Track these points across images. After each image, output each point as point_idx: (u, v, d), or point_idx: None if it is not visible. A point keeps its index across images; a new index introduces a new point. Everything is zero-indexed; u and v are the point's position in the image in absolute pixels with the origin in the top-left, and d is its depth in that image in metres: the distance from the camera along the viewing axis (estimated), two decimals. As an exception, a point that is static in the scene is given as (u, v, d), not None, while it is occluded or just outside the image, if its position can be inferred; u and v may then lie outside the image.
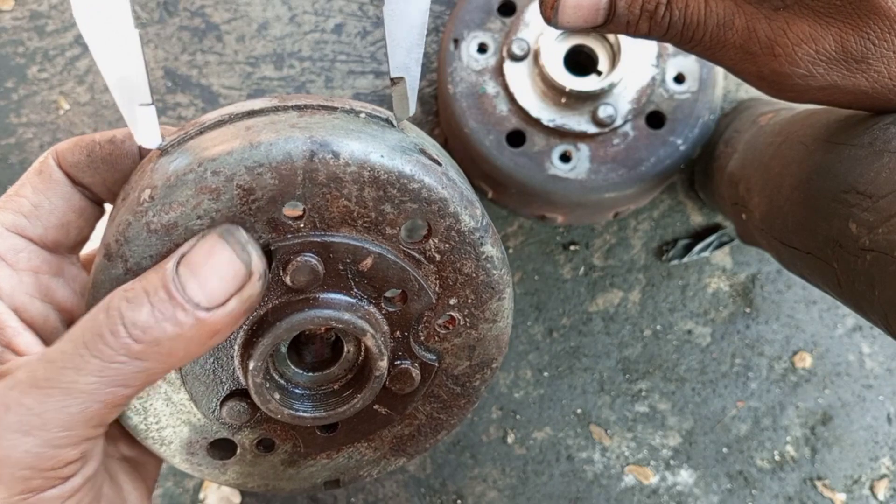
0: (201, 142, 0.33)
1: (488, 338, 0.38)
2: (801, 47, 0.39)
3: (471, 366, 0.38)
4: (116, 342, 0.28)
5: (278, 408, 0.35)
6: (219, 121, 0.34)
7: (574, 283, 0.83)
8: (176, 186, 0.31)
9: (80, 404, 0.28)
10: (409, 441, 0.40)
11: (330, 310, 0.33)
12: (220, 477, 0.39)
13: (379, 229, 0.33)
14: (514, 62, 0.71)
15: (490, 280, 0.36)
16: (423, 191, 0.33)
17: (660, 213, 0.84)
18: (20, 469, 0.28)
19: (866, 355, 0.82)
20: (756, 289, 0.83)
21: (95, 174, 0.35)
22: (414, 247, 0.34)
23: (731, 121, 0.75)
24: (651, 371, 0.82)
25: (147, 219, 0.31)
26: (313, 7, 0.84)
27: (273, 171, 0.31)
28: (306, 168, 0.31)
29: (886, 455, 0.81)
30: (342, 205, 0.32)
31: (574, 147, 0.70)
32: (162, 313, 0.28)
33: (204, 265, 0.29)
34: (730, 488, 0.81)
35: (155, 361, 0.29)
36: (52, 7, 0.84)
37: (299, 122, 0.33)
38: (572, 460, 0.81)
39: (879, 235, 0.43)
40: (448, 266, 0.35)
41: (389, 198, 0.33)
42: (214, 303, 0.29)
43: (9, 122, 0.83)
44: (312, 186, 0.31)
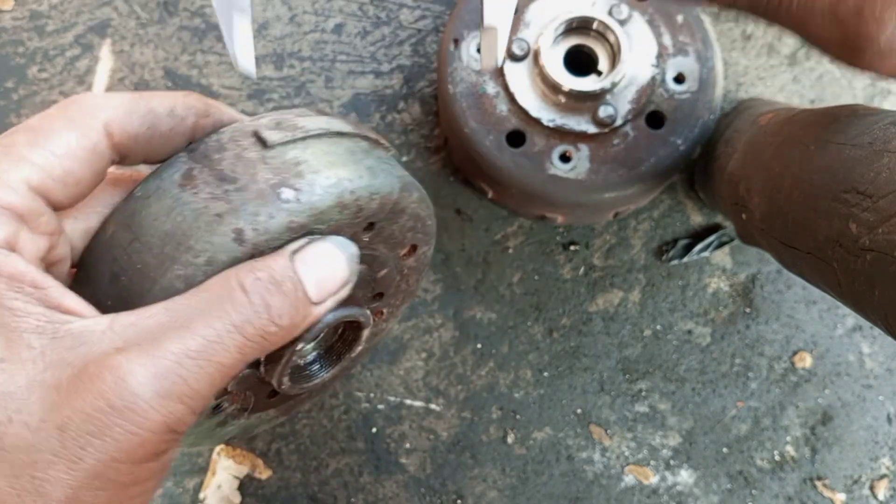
0: (319, 151, 0.35)
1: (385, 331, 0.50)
2: (890, 9, 0.39)
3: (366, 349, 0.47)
4: (257, 323, 0.31)
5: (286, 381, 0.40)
6: (318, 134, 0.37)
7: (574, 283, 0.83)
8: (321, 196, 0.34)
9: (221, 376, 0.30)
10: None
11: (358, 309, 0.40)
12: None
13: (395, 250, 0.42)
14: (514, 62, 0.71)
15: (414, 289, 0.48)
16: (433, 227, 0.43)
17: (660, 213, 0.84)
18: (167, 433, 0.29)
19: (866, 355, 0.82)
20: (756, 289, 0.83)
21: (149, 148, 0.33)
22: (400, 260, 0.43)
23: (731, 121, 0.75)
24: (651, 371, 0.82)
25: (292, 218, 0.33)
26: (313, 7, 0.84)
27: (380, 199, 0.37)
28: (395, 201, 0.38)
29: (886, 455, 0.81)
30: (393, 230, 0.40)
31: (574, 147, 0.70)
32: (293, 304, 0.32)
33: (319, 264, 0.33)
34: (730, 488, 0.81)
35: (274, 343, 0.32)
36: (52, 7, 0.84)
37: (387, 160, 0.39)
38: (572, 460, 0.81)
39: (879, 235, 0.43)
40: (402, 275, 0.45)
41: (415, 228, 0.41)
42: (320, 298, 0.33)
43: (9, 122, 0.83)
44: (390, 214, 0.38)
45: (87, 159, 0.31)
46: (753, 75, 0.84)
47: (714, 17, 0.83)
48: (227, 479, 0.81)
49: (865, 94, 0.84)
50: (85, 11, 0.84)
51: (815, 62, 0.84)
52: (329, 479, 0.81)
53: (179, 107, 0.34)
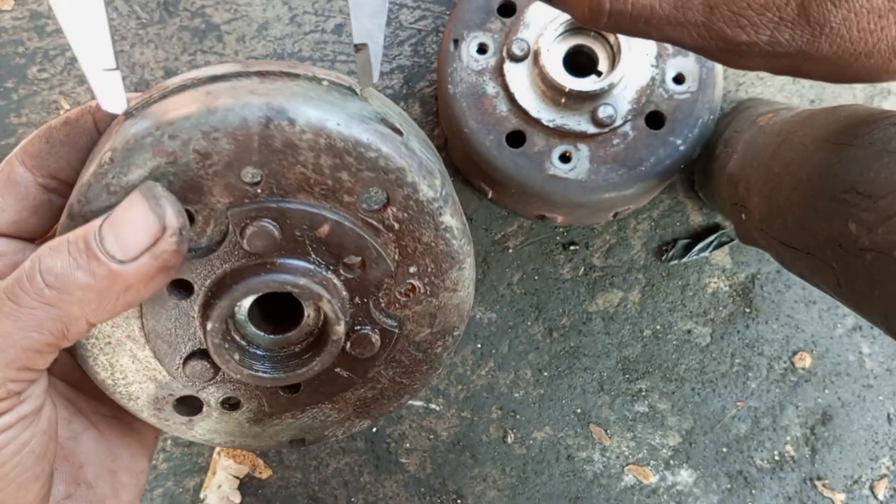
0: (162, 105, 0.33)
1: (449, 306, 0.38)
2: (764, 15, 0.39)
3: (432, 333, 0.39)
4: (31, 287, 0.29)
5: (237, 368, 0.35)
6: (181, 85, 0.34)
7: (574, 283, 0.83)
8: (135, 149, 0.31)
9: None
10: (373, 404, 0.41)
11: (286, 274, 0.33)
12: (187, 432, 0.40)
13: (336, 197, 0.33)
14: (514, 62, 0.71)
15: (450, 250, 0.36)
16: (380, 160, 0.33)
17: (660, 213, 0.84)
18: None
19: (866, 355, 0.82)
20: (756, 289, 0.83)
21: (59, 158, 0.36)
22: (372, 215, 0.34)
23: (731, 121, 0.75)
24: (651, 371, 0.82)
25: (107, 180, 0.31)
26: (313, 7, 0.84)
27: (229, 137, 0.31)
28: (262, 134, 0.31)
29: (886, 455, 0.81)
30: (298, 172, 0.32)
31: (574, 147, 0.71)
32: (76, 261, 0.30)
33: (121, 219, 0.30)
34: (729, 488, 0.81)
35: (66, 309, 0.30)
36: (52, 7, 0.84)
37: (259, 88, 0.33)
38: (572, 460, 0.81)
39: (879, 235, 0.43)
40: (407, 235, 0.35)
41: (346, 166, 0.33)
42: (128, 256, 0.30)
43: (9, 122, 0.83)
44: (269, 153, 0.32)
45: (5, 189, 0.35)
46: (753, 75, 0.84)
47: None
48: (228, 478, 0.81)
49: (865, 94, 0.84)
50: (85, 11, 0.84)
51: (814, 62, 0.84)
52: (329, 478, 0.81)
53: (71, 114, 0.36)
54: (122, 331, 0.36)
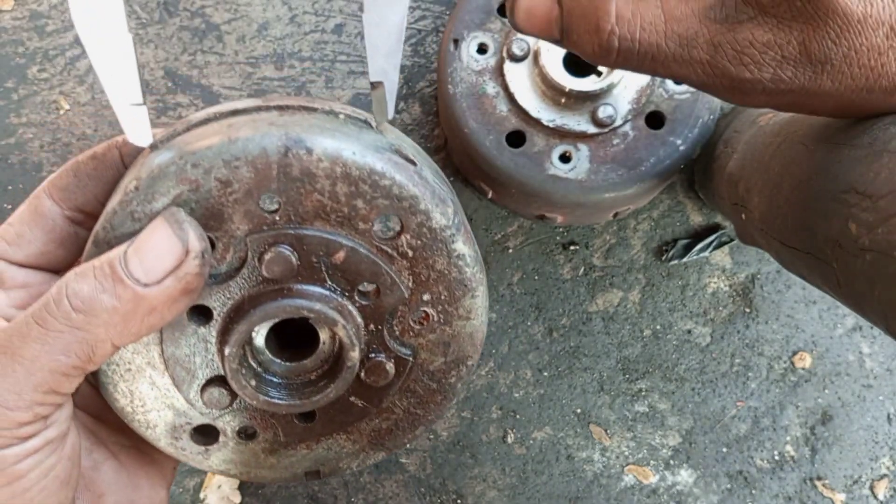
0: (186, 138, 0.34)
1: (462, 335, 0.39)
2: (767, 54, 0.40)
3: (446, 362, 0.39)
4: (58, 311, 0.30)
5: (254, 394, 0.36)
6: (205, 119, 0.36)
7: (574, 283, 0.83)
8: (159, 178, 0.33)
9: (24, 370, 0.30)
10: (388, 435, 0.41)
11: (302, 300, 0.34)
12: (203, 462, 0.40)
13: (352, 224, 0.34)
14: (514, 62, 0.71)
15: (462, 277, 0.37)
16: (394, 188, 0.34)
17: (660, 213, 0.84)
18: None
19: (866, 355, 0.82)
20: (756, 289, 0.83)
21: (86, 192, 0.37)
22: (387, 242, 0.35)
23: (731, 121, 0.75)
24: (651, 371, 0.82)
25: (132, 207, 0.33)
26: (313, 7, 0.84)
27: (249, 165, 0.32)
28: (281, 163, 0.33)
29: (886, 455, 0.81)
30: (315, 199, 0.34)
31: (574, 147, 0.71)
32: (102, 286, 0.31)
33: (145, 244, 0.31)
34: (729, 488, 0.81)
35: (93, 332, 0.31)
36: (52, 7, 0.84)
37: (277, 120, 0.34)
38: (572, 460, 0.81)
39: (879, 235, 0.43)
40: (420, 262, 0.36)
41: (361, 193, 0.34)
42: (152, 279, 0.31)
43: (9, 122, 0.83)
44: (287, 181, 0.33)
45: (33, 221, 0.37)
46: (753, 75, 0.84)
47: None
48: (227, 479, 0.81)
49: (865, 95, 0.84)
50: (85, 11, 0.84)
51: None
52: (329, 478, 0.81)
53: (98, 149, 0.38)
54: (143, 357, 0.36)
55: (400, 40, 0.35)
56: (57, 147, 0.83)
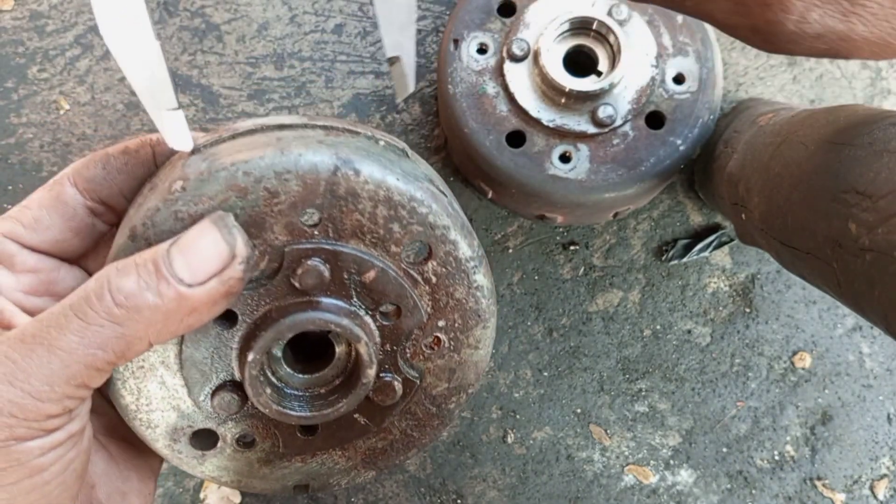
0: (234, 145, 0.35)
1: (468, 363, 0.40)
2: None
3: (448, 388, 0.41)
4: (99, 305, 0.30)
5: (268, 402, 0.36)
6: (251, 129, 0.37)
7: (574, 283, 0.83)
8: (207, 181, 0.33)
9: (60, 361, 0.30)
10: (381, 455, 0.42)
11: (330, 314, 0.35)
12: (197, 468, 0.40)
13: (385, 246, 0.36)
14: (514, 62, 0.71)
15: (478, 308, 0.38)
16: (430, 216, 0.36)
17: (660, 213, 0.84)
18: (3, 416, 0.30)
19: (866, 355, 0.82)
20: (756, 289, 0.83)
21: (112, 185, 0.37)
22: (414, 267, 0.37)
23: (731, 121, 0.75)
24: (651, 371, 0.82)
25: (176, 207, 0.33)
26: (313, 7, 0.84)
27: (299, 179, 0.33)
28: (329, 180, 0.34)
29: (886, 455, 0.81)
30: (355, 219, 0.35)
31: (574, 147, 0.71)
32: (146, 283, 0.31)
33: (192, 244, 0.31)
34: (730, 488, 0.81)
35: (133, 329, 0.31)
36: (52, 7, 0.84)
37: (325, 139, 0.36)
38: (572, 460, 0.81)
39: (879, 235, 0.43)
40: (442, 289, 0.38)
41: (399, 218, 0.35)
42: (196, 280, 0.31)
43: (9, 122, 0.83)
44: (332, 198, 0.34)
45: (53, 207, 0.37)
46: (753, 75, 0.84)
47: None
48: (228, 478, 0.81)
49: (865, 94, 0.84)
50: (85, 11, 0.84)
51: (815, 62, 0.84)
52: (329, 478, 0.81)
53: (131, 144, 0.38)
54: (158, 356, 0.36)
55: (412, 12, 0.35)
56: (57, 147, 0.83)
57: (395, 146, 0.39)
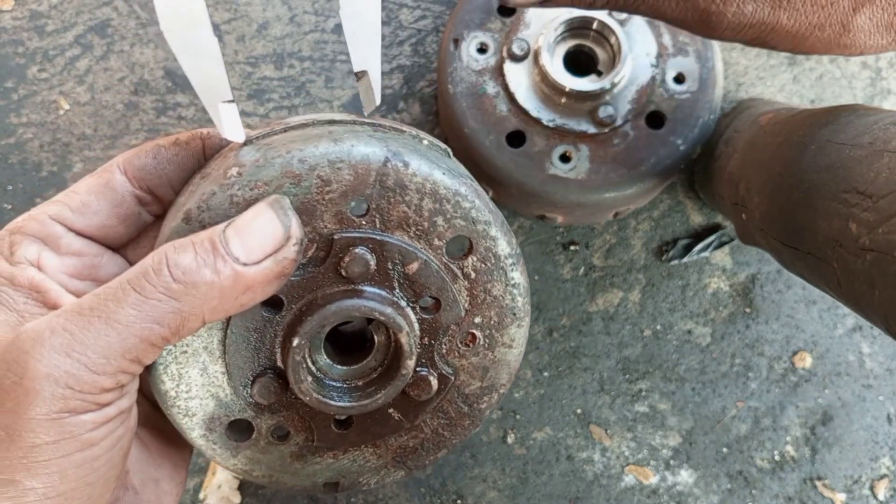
0: (287, 137, 0.36)
1: (502, 362, 0.40)
2: None
3: (481, 387, 0.41)
4: (157, 280, 0.31)
5: (308, 390, 0.37)
6: (303, 123, 0.38)
7: (574, 283, 0.83)
8: (263, 168, 0.34)
9: (117, 334, 0.31)
10: (412, 454, 0.42)
11: (375, 302, 0.36)
12: (229, 460, 0.40)
13: (428, 239, 0.37)
14: (514, 62, 0.71)
15: (514, 306, 0.39)
16: (473, 211, 0.37)
17: (660, 213, 0.84)
18: (60, 387, 0.30)
19: (866, 355, 0.82)
20: (756, 289, 0.83)
21: (161, 175, 0.38)
22: (454, 261, 0.38)
23: (731, 121, 0.75)
24: (651, 371, 0.82)
25: (232, 191, 0.34)
26: (313, 7, 0.84)
27: (351, 169, 0.35)
28: (379, 171, 0.35)
29: (886, 455, 0.81)
30: (402, 210, 0.36)
31: (574, 147, 0.70)
32: (203, 260, 0.31)
33: (248, 225, 0.33)
34: (730, 488, 0.81)
35: (189, 304, 0.31)
36: (52, 7, 0.84)
37: (375, 134, 0.37)
38: (572, 460, 0.81)
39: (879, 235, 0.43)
40: (480, 285, 0.38)
41: (443, 212, 0.36)
42: (252, 259, 0.32)
43: (9, 122, 0.83)
44: (381, 189, 0.35)
45: (102, 193, 0.37)
46: (753, 75, 0.84)
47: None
48: (228, 479, 0.81)
49: (865, 94, 0.84)
50: (85, 11, 0.84)
51: (815, 62, 0.84)
52: (329, 479, 0.81)
53: (182, 136, 0.39)
54: (201, 341, 0.37)
55: (378, 29, 0.37)
56: (56, 147, 0.83)
57: (439, 146, 0.40)
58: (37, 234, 0.36)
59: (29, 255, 0.35)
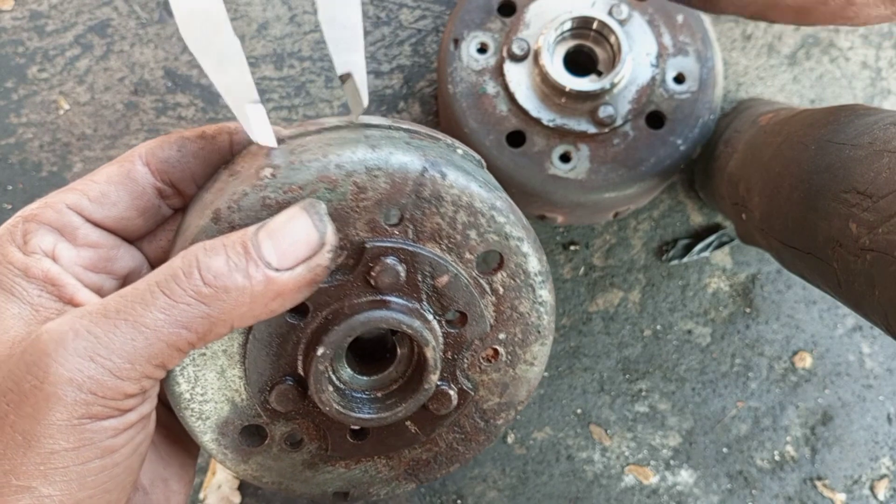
0: (322, 139, 0.35)
1: (522, 379, 0.40)
2: None
3: (499, 403, 0.40)
4: (188, 283, 0.30)
5: (329, 400, 0.36)
6: (337, 126, 0.37)
7: (574, 283, 0.83)
8: (299, 170, 0.33)
9: (144, 339, 0.29)
10: (424, 467, 0.42)
11: (403, 315, 0.35)
12: (239, 465, 0.40)
13: (459, 252, 0.36)
14: (514, 62, 0.71)
15: (539, 324, 0.38)
16: (507, 226, 0.36)
17: (660, 213, 0.84)
18: (82, 393, 0.29)
19: (866, 355, 0.82)
20: (756, 289, 0.83)
21: (185, 168, 0.37)
22: (483, 276, 0.37)
23: (731, 121, 0.75)
24: (651, 371, 0.82)
25: (265, 193, 0.33)
26: (313, 7, 0.84)
27: (388, 177, 0.34)
28: (417, 181, 0.34)
29: (886, 455, 0.81)
30: (435, 222, 0.35)
31: (574, 147, 0.70)
32: (235, 264, 0.30)
33: (282, 229, 0.31)
34: (730, 488, 0.81)
35: (219, 309, 0.30)
36: (52, 7, 0.84)
37: (412, 142, 0.36)
38: (572, 460, 0.81)
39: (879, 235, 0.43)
40: (507, 301, 0.38)
41: (477, 225, 0.36)
42: (284, 265, 0.31)
43: (9, 122, 0.83)
44: (416, 199, 0.35)
45: (122, 184, 0.36)
46: (753, 75, 0.84)
47: (714, 18, 0.83)
48: (227, 479, 0.81)
49: (865, 94, 0.84)
50: (85, 11, 0.84)
51: (815, 62, 0.84)
52: (329, 479, 0.81)
53: (209, 129, 0.37)
54: (221, 344, 0.36)
55: (359, 31, 0.36)
56: (56, 147, 0.83)
57: (473, 156, 0.39)
58: (53, 223, 0.34)
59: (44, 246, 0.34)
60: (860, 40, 0.84)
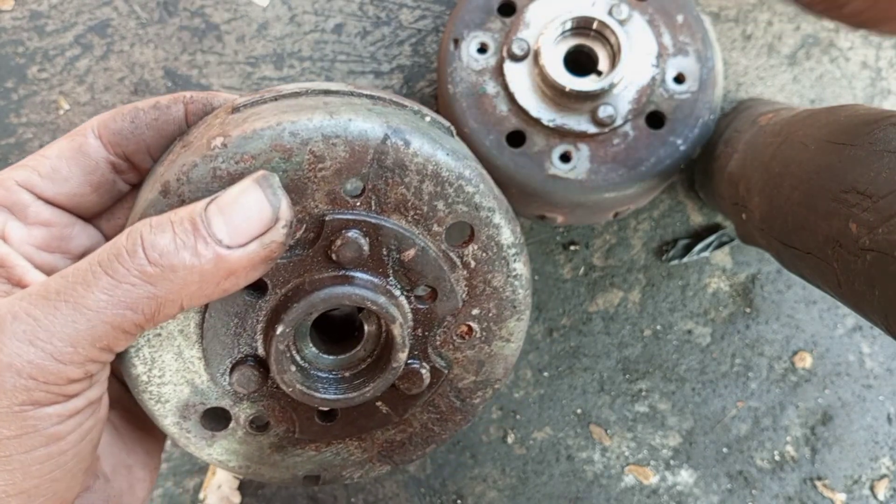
0: (278, 106, 0.33)
1: (498, 356, 0.38)
2: None
3: (475, 381, 0.39)
4: (132, 262, 0.28)
5: (292, 381, 0.34)
6: (295, 92, 0.35)
7: (574, 283, 0.83)
8: (251, 139, 0.31)
9: (86, 321, 0.28)
10: (399, 448, 0.40)
11: (367, 290, 0.33)
12: (204, 449, 0.38)
13: (426, 224, 0.34)
14: (514, 62, 0.71)
15: (515, 298, 0.37)
16: (477, 196, 0.34)
17: (660, 213, 0.84)
18: (22, 378, 0.28)
19: (866, 355, 0.82)
20: (756, 289, 0.83)
21: (139, 141, 0.35)
22: (454, 249, 0.35)
23: (731, 121, 0.75)
24: (651, 371, 0.82)
25: (215, 164, 0.31)
26: (313, 7, 0.84)
27: (347, 145, 0.32)
28: (378, 149, 0.32)
29: (886, 455, 0.81)
30: (400, 192, 0.33)
31: (574, 147, 0.70)
32: (183, 241, 0.29)
33: (232, 204, 0.30)
34: (730, 488, 0.81)
35: (166, 289, 0.29)
36: (52, 7, 0.84)
37: (374, 108, 0.34)
38: (572, 460, 0.81)
39: (879, 235, 0.43)
40: (479, 275, 0.36)
41: (444, 196, 0.34)
42: (236, 242, 0.29)
43: (9, 122, 0.83)
44: (378, 168, 0.32)
45: (73, 158, 0.34)
46: (753, 75, 0.84)
47: (714, 18, 0.83)
48: (228, 478, 0.81)
49: (865, 94, 0.84)
50: (85, 11, 0.84)
51: (815, 62, 0.84)
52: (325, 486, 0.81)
53: (163, 99, 0.36)
54: (177, 324, 0.34)
55: None
56: (57, 147, 0.83)
57: (441, 123, 0.37)
58: (2, 201, 0.33)
59: None
60: (860, 40, 0.84)
